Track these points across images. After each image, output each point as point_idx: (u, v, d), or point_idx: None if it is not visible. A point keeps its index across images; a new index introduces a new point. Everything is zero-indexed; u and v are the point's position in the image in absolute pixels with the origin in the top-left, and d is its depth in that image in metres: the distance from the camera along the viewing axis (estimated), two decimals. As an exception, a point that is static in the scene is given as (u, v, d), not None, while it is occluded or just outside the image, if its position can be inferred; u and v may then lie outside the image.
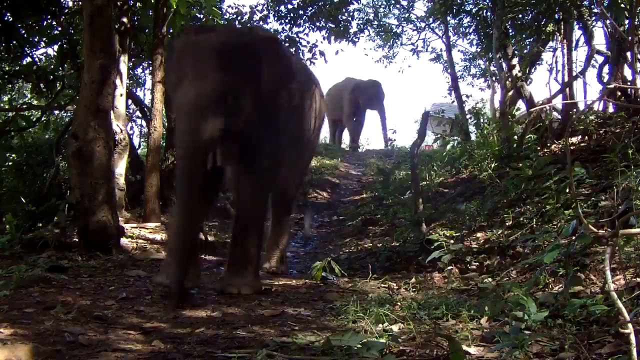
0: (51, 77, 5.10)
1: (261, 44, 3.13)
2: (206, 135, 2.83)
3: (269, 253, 4.32)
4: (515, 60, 6.71)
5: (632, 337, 1.58)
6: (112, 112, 4.87)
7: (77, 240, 4.35)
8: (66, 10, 5.78)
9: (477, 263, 3.81)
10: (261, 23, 8.12)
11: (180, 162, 2.92)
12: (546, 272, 2.99)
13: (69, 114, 6.67)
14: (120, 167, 5.84)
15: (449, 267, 3.72)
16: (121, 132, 5.91)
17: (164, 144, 6.75)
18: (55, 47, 5.57)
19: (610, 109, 6.46)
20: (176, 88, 2.94)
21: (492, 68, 9.47)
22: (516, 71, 6.59)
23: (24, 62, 5.50)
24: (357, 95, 13.28)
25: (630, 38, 5.02)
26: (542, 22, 6.65)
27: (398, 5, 11.50)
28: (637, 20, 4.96)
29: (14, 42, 5.12)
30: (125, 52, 6.15)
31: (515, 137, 6.11)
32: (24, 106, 5.95)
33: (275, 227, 4.42)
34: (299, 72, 3.69)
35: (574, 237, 2.99)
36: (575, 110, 6.63)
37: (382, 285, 3.63)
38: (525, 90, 6.52)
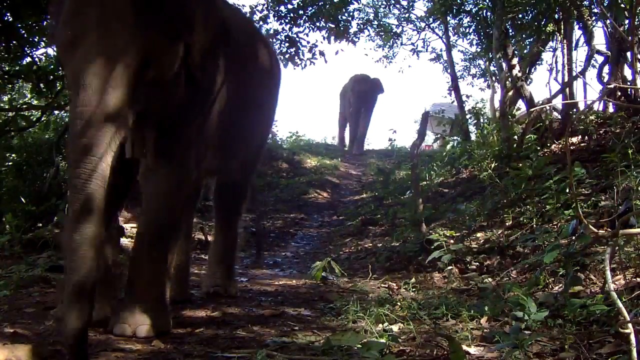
0: (51, 77, 5.08)
1: None
2: (114, 119, 1.97)
3: (212, 268, 3.40)
4: (515, 60, 6.71)
5: (632, 337, 1.59)
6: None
7: (77, 240, 4.35)
8: (66, 10, 5.77)
9: (477, 263, 3.81)
10: (261, 23, 8.10)
11: (73, 157, 1.94)
12: (546, 272, 3.00)
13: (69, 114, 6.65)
14: (121, 167, 5.83)
15: (449, 267, 3.72)
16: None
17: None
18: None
19: (610, 109, 6.46)
20: (71, 49, 2.01)
21: (492, 68, 9.45)
22: (516, 71, 6.58)
23: (24, 62, 5.48)
24: (352, 91, 12.84)
25: (630, 38, 5.02)
26: (542, 22, 6.64)
27: (398, 5, 11.46)
28: (637, 20, 4.97)
29: (14, 42, 5.10)
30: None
31: (515, 137, 6.11)
32: (24, 106, 5.92)
33: (220, 233, 3.48)
34: (242, 32, 2.93)
35: (574, 237, 3.00)
36: (575, 110, 6.63)
37: (382, 285, 3.64)
38: (525, 90, 6.52)
